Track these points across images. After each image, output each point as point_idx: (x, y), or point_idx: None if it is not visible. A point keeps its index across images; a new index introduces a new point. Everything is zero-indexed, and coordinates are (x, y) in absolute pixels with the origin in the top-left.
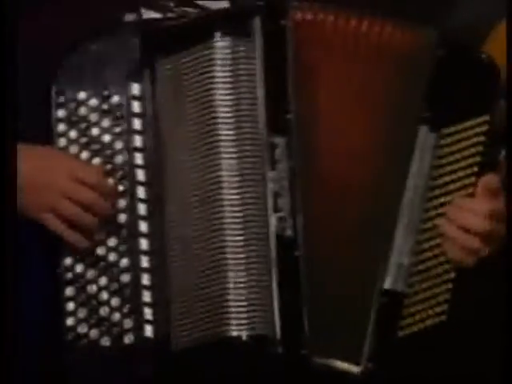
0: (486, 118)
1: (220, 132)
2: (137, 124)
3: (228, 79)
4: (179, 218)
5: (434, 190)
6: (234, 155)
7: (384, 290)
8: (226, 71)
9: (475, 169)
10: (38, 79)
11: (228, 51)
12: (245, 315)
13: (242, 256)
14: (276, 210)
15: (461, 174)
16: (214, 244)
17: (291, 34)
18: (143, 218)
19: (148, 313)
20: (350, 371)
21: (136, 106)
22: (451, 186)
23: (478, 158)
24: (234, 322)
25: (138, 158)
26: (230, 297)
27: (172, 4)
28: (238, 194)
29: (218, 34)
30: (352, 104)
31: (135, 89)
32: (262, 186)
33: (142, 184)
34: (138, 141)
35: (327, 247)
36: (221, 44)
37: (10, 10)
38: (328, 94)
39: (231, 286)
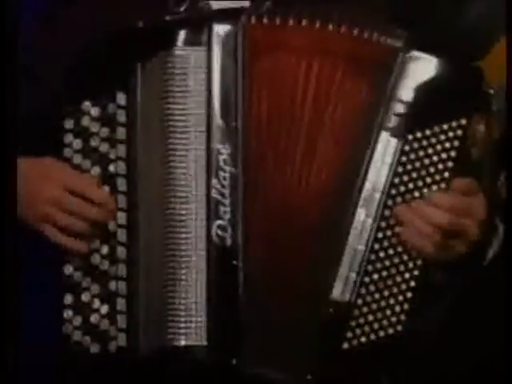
0: (462, 122)
1: (173, 141)
2: (120, 133)
3: (185, 88)
4: (145, 226)
5: (396, 197)
6: (183, 163)
7: (330, 300)
8: (184, 79)
9: (446, 174)
10: (47, 90)
11: (186, 59)
12: (182, 325)
13: (183, 265)
14: (216, 218)
15: (428, 180)
16: (162, 252)
17: (244, 40)
18: (122, 226)
19: (121, 321)
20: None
21: (120, 115)
22: (416, 193)
23: (449, 164)
24: (172, 331)
25: (121, 168)
26: (171, 306)
27: (183, 8)
28: (183, 202)
29: (178, 42)
30: (306, 110)
31: (120, 98)
32: (205, 193)
33: (121, 193)
34: (121, 150)
35: (269, 257)
36: (180, 53)
37: (10, 10)
38: (280, 100)
39: (173, 295)
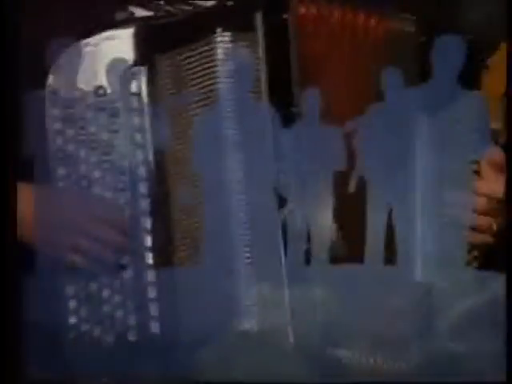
0: None
1: (224, 125)
2: (136, 120)
3: (230, 73)
4: (186, 212)
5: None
6: (238, 147)
7: (416, 282)
8: (229, 66)
9: None
10: (33, 78)
11: (229, 46)
12: (256, 308)
13: (251, 249)
14: (285, 202)
15: None
16: (223, 237)
17: (294, 28)
18: (147, 214)
19: (154, 309)
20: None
21: (135, 103)
22: None
23: None
24: (245, 314)
25: (139, 155)
26: (241, 290)
27: (162, 2)
28: (245, 186)
29: (219, 30)
30: (359, 98)
31: (133, 85)
32: (269, 178)
33: (143, 180)
34: (138, 137)
35: (343, 242)
36: (222, 39)
37: (9, 9)
38: (332, 87)
39: (242, 279)
